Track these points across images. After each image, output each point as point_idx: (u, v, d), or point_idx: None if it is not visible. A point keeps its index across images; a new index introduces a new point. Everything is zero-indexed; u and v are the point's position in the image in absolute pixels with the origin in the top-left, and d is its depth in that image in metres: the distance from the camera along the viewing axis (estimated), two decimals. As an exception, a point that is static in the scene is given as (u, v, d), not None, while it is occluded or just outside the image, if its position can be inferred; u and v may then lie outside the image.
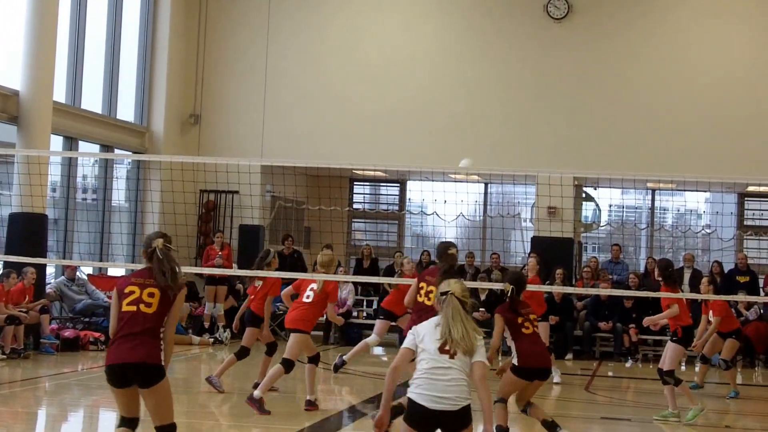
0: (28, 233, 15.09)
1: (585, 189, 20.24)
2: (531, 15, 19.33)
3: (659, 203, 21.29)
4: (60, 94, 16.82)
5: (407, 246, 21.52)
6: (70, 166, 17.39)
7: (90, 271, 17.75)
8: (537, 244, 17.66)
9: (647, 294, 13.76)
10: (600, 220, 20.73)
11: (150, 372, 5.93)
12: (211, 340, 16.92)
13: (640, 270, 18.97)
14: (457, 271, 8.78)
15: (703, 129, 18.71)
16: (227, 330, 16.94)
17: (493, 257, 18.88)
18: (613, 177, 17.70)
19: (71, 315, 15.99)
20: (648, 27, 19.21)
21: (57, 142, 16.99)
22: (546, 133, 19.07)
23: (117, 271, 17.51)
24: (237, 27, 20.20)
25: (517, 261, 18.73)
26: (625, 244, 20.17)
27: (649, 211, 21.25)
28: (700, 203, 21.27)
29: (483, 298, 17.07)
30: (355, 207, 21.71)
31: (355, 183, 21.83)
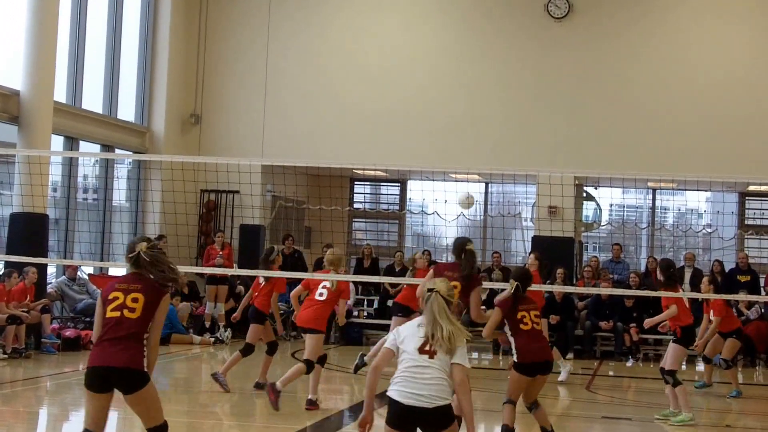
0: (29, 233, 15.10)
1: (586, 188, 20.24)
2: (531, 14, 19.33)
3: (660, 203, 21.29)
4: (61, 94, 16.83)
5: (408, 245, 21.52)
6: (70, 166, 17.40)
7: (91, 270, 17.77)
8: (538, 243, 17.65)
9: (648, 293, 13.77)
10: (601, 219, 20.73)
11: (133, 378, 5.84)
12: (212, 339, 16.93)
13: (641, 269, 18.98)
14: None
15: (703, 128, 18.71)
16: (228, 330, 16.97)
17: (494, 257, 18.88)
18: (614, 176, 17.70)
19: (72, 315, 16.01)
20: (649, 26, 19.21)
21: (58, 142, 17.00)
22: (546, 132, 19.07)
23: (118, 271, 17.51)
24: (237, 27, 20.21)
25: (517, 260, 18.71)
26: (625, 244, 20.17)
27: (650, 211, 21.25)
28: (701, 203, 21.28)
29: (484, 298, 17.07)
30: (355, 207, 21.72)
31: (355, 183, 21.84)
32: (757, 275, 17.89)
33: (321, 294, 10.21)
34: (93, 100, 18.12)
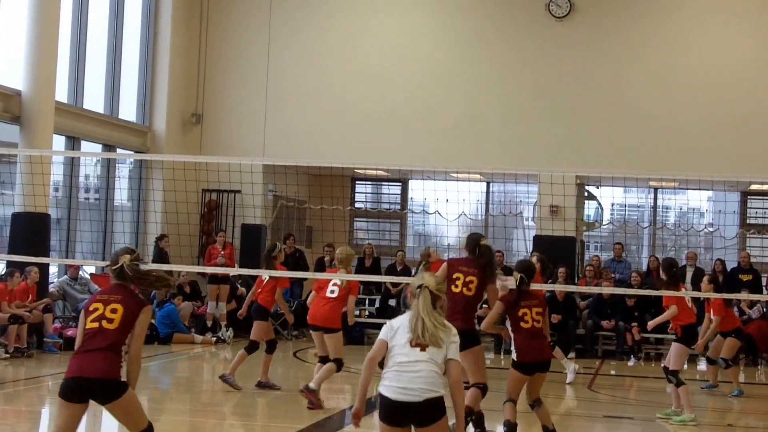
0: (30, 233, 15.12)
1: (587, 188, 20.23)
2: (532, 14, 19.32)
3: (662, 202, 21.27)
4: (62, 94, 16.84)
5: (409, 245, 21.52)
6: (72, 165, 17.41)
7: (92, 270, 17.77)
8: (539, 242, 17.65)
9: (649, 292, 13.75)
10: (602, 218, 20.72)
11: (110, 388, 5.81)
12: (213, 339, 16.94)
13: (643, 269, 18.97)
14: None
15: (705, 127, 18.69)
16: (230, 329, 17.01)
17: (496, 256, 18.86)
18: (616, 176, 17.64)
19: (74, 314, 16.00)
20: (650, 25, 19.19)
21: (59, 142, 17.01)
22: (548, 131, 19.06)
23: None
24: (238, 27, 20.21)
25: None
26: (627, 243, 20.16)
27: (652, 210, 21.25)
28: (703, 202, 21.27)
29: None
30: (357, 206, 21.72)
31: (356, 182, 21.83)
32: (759, 274, 17.88)
33: (332, 291, 10.37)
34: (94, 100, 18.13)
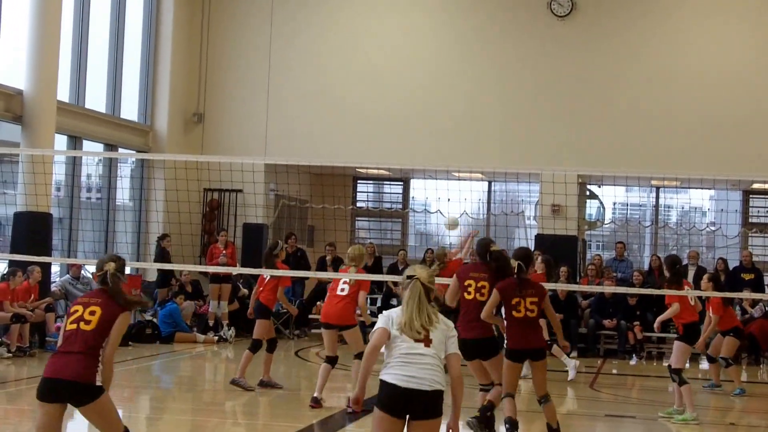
0: (32, 232, 15.13)
1: (589, 187, 20.22)
2: (534, 13, 19.31)
3: (663, 201, 21.27)
4: (64, 94, 16.85)
5: (411, 244, 21.53)
6: (74, 165, 17.43)
7: (94, 269, 17.76)
8: (541, 242, 17.66)
9: (651, 291, 13.76)
10: (604, 217, 20.71)
11: (82, 391, 5.79)
12: (215, 338, 16.94)
13: (645, 268, 18.96)
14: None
15: (707, 126, 18.68)
16: (232, 328, 17.02)
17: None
18: (618, 174, 17.65)
19: (76, 314, 16.01)
20: (651, 25, 19.18)
21: (61, 142, 17.02)
22: (549, 130, 19.05)
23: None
24: (240, 26, 20.22)
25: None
26: (629, 242, 20.15)
27: (654, 209, 21.24)
28: (705, 201, 21.26)
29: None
30: (358, 205, 21.72)
31: (358, 181, 21.84)
32: (761, 273, 17.86)
33: (342, 289, 10.42)
34: (96, 100, 18.14)
